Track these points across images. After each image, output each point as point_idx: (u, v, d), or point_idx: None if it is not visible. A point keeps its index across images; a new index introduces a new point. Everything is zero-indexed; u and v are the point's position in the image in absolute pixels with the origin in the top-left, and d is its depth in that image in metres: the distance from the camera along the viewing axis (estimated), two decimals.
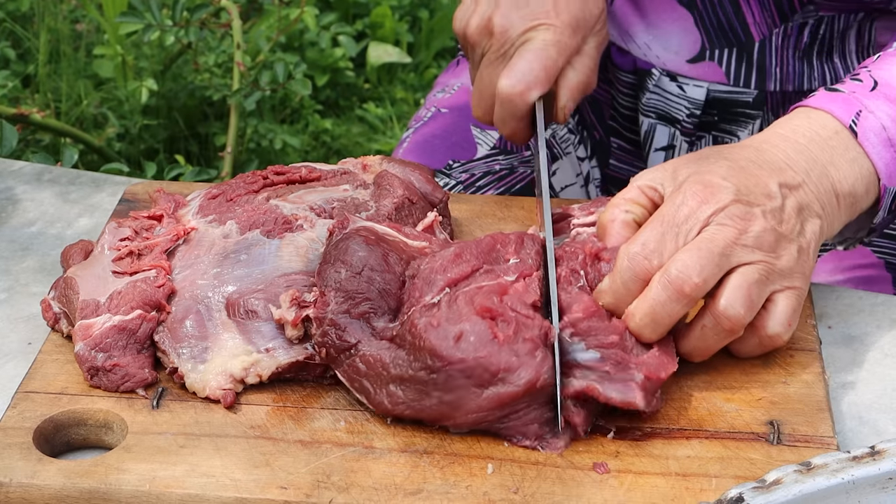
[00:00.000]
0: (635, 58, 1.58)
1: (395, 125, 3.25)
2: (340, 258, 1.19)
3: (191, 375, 1.18)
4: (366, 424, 1.15)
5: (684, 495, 1.07)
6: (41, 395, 1.18)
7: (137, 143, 2.98)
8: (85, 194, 1.53)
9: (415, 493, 1.07)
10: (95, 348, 1.20)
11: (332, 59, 3.27)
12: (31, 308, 1.32)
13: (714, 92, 1.55)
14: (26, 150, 2.38)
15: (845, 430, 1.19)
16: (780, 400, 1.17)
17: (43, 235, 1.45)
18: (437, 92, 1.77)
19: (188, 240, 1.30)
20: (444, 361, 1.12)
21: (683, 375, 1.20)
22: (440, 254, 1.21)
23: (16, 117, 2.09)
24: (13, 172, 1.57)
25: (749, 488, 0.94)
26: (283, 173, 1.39)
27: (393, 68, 3.43)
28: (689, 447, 1.12)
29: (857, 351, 1.28)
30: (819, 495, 0.95)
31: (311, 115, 3.20)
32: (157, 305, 1.22)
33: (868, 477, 0.96)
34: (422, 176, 1.38)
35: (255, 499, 1.07)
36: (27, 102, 2.97)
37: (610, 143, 1.68)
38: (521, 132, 1.42)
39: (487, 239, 1.23)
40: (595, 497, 1.07)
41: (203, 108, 3.12)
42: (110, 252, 1.28)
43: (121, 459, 1.11)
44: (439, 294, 1.17)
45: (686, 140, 1.59)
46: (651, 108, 1.59)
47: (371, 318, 1.17)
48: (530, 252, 1.22)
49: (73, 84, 3.00)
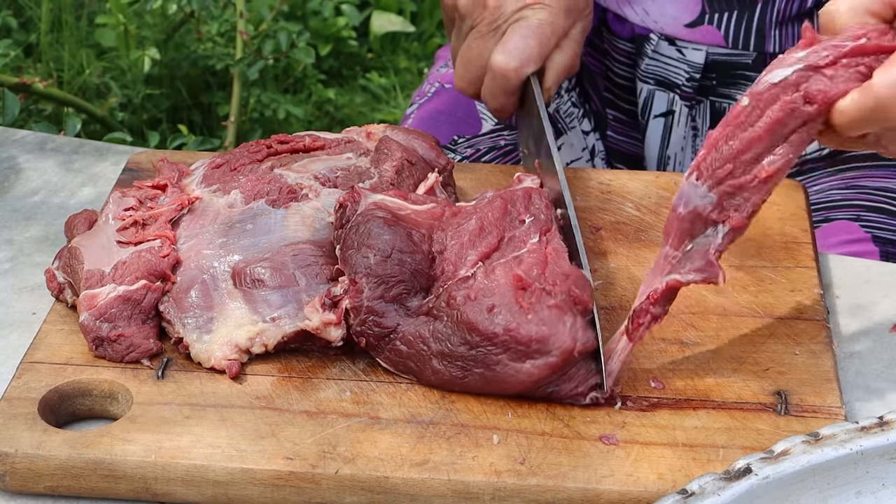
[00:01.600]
0: (633, 24, 1.58)
1: (399, 95, 3.24)
2: (365, 243, 1.19)
3: (196, 346, 1.18)
4: (371, 395, 1.15)
5: (691, 466, 1.07)
6: (46, 365, 1.18)
7: (140, 112, 2.97)
8: (88, 163, 1.52)
9: (421, 464, 1.07)
10: (100, 318, 1.19)
11: (336, 29, 3.26)
12: (34, 278, 1.32)
13: (713, 55, 1.55)
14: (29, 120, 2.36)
15: (853, 401, 1.19)
16: (787, 370, 1.17)
17: (46, 205, 1.44)
18: (440, 67, 1.76)
19: (192, 209, 1.29)
20: (481, 336, 1.12)
21: (690, 346, 1.19)
22: (463, 227, 1.21)
23: (18, 86, 2.09)
24: (16, 141, 1.57)
25: (757, 459, 0.93)
26: (286, 142, 1.38)
27: (396, 37, 3.42)
28: (697, 417, 1.12)
29: (865, 320, 1.27)
30: (827, 466, 0.95)
31: (315, 85, 3.19)
32: (162, 275, 1.22)
33: (877, 447, 0.95)
34: (425, 143, 1.37)
35: (261, 469, 1.07)
36: (29, 72, 2.95)
37: (607, 114, 1.67)
38: (510, 107, 1.42)
39: (498, 202, 1.23)
40: (602, 468, 1.07)
41: (206, 77, 3.11)
42: (114, 222, 1.27)
43: (126, 430, 1.11)
44: (473, 267, 1.17)
45: (686, 105, 1.59)
46: (650, 74, 1.59)
47: (405, 299, 1.17)
48: (540, 206, 1.23)
49: (76, 53, 2.99)
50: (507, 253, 1.19)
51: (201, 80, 3.09)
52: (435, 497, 1.06)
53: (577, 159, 1.70)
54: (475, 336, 1.13)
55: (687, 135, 1.62)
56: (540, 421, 1.12)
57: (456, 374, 1.13)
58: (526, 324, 1.12)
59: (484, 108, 1.67)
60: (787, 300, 1.25)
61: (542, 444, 1.09)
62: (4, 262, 1.35)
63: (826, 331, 1.21)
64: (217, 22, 2.93)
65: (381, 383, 1.16)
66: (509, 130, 1.66)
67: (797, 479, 0.94)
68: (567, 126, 1.69)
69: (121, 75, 2.98)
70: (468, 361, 1.13)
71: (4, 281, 1.32)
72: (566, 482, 1.05)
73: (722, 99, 1.58)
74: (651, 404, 1.13)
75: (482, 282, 1.16)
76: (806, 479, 0.94)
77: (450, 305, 1.15)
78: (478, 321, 1.13)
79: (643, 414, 1.12)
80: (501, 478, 1.06)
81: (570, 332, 1.11)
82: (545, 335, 1.11)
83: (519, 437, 1.10)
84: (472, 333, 1.13)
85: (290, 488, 1.07)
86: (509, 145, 1.64)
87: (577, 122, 1.70)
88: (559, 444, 1.09)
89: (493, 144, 1.64)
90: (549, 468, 1.07)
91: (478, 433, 1.10)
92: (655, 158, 1.64)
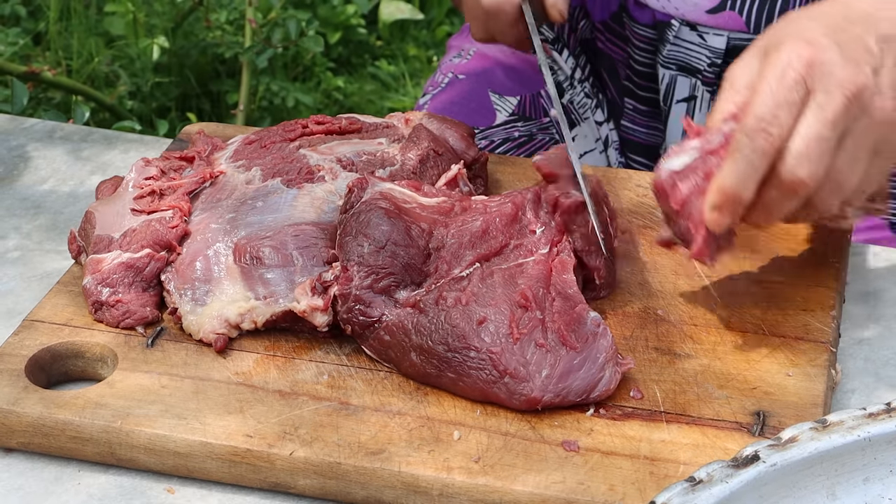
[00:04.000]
0: (654, 11, 1.55)
1: (408, 82, 3.22)
2: (362, 231, 1.19)
3: (188, 317, 1.19)
4: (348, 380, 1.15)
5: (646, 479, 1.04)
6: (46, 324, 1.21)
7: (149, 100, 3.00)
8: (97, 152, 1.54)
9: (376, 453, 1.07)
10: (102, 283, 1.22)
11: (345, 16, 3.25)
12: (44, 266, 1.34)
13: (734, 40, 1.52)
14: (38, 109, 2.40)
15: (861, 387, 1.17)
16: (775, 391, 1.13)
17: (55, 193, 1.46)
18: (452, 56, 1.75)
19: (215, 183, 1.31)
20: (461, 343, 1.12)
21: (681, 358, 1.17)
22: (466, 227, 1.20)
23: (27, 75, 2.12)
24: (24, 130, 1.58)
25: (765, 446, 0.93)
26: (322, 123, 1.39)
27: (405, 25, 3.40)
28: (667, 431, 1.09)
29: (874, 307, 1.26)
30: (835, 452, 0.93)
31: (324, 73, 3.19)
32: (168, 246, 1.24)
33: (884, 434, 0.94)
34: (457, 133, 1.37)
35: (220, 444, 1.08)
36: (38, 60, 2.98)
37: (624, 104, 1.64)
38: (521, 38, 1.43)
39: (508, 206, 1.22)
40: (554, 474, 1.05)
41: (215, 65, 3.13)
42: (133, 189, 1.30)
43: (101, 394, 1.13)
44: (468, 268, 1.17)
45: (708, 90, 1.55)
46: (671, 59, 1.56)
47: (393, 291, 1.17)
48: (551, 214, 1.21)
49: (85, 41, 3.02)
50: (511, 259, 1.18)
51: (210, 68, 3.11)
52: (385, 488, 1.06)
53: (591, 150, 1.68)
54: (456, 341, 1.12)
55: None
56: (507, 421, 1.10)
57: (430, 370, 1.13)
58: (509, 353, 1.11)
59: (498, 99, 1.66)
60: (795, 319, 1.21)
61: (502, 445, 1.08)
62: (13, 251, 1.37)
63: (828, 354, 1.17)
64: (226, 10, 2.95)
65: (360, 369, 1.16)
66: (523, 122, 1.65)
67: (805, 466, 0.93)
68: (580, 117, 1.67)
69: (130, 63, 3.01)
70: (442, 362, 1.12)
71: (14, 269, 1.34)
72: (515, 485, 1.04)
73: None
74: (624, 414, 1.11)
75: (477, 286, 1.15)
76: (814, 465, 0.93)
77: (438, 304, 1.14)
78: (463, 329, 1.12)
79: (613, 423, 1.10)
80: (451, 474, 1.05)
81: (542, 385, 1.10)
82: (521, 376, 1.10)
83: (481, 436, 1.09)
84: (454, 337, 1.12)
85: (246, 466, 1.08)
86: (523, 136, 1.63)
87: (591, 113, 1.68)
88: (519, 445, 1.08)
89: (507, 136, 1.64)
90: (501, 468, 1.05)
91: (441, 427, 1.10)
92: None
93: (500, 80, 1.68)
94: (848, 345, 1.21)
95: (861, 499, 0.95)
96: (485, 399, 1.12)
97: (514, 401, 1.10)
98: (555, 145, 1.35)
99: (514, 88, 1.66)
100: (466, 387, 1.12)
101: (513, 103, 1.67)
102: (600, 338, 1.12)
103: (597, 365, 1.11)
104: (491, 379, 1.11)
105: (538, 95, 1.66)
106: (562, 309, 1.14)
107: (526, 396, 1.10)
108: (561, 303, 1.14)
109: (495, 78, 1.68)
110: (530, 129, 1.65)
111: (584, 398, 1.11)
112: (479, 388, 1.11)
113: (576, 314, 1.13)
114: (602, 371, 1.11)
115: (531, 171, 1.42)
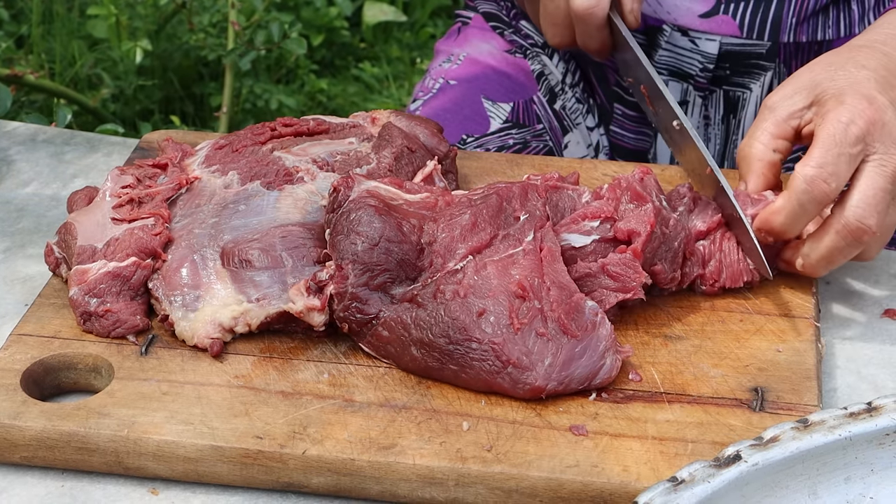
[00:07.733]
0: (646, 16, 1.57)
1: (392, 84, 3.23)
2: (354, 229, 1.19)
3: (181, 323, 1.19)
4: (348, 378, 1.15)
5: (658, 459, 1.06)
6: (34, 337, 1.19)
7: (132, 103, 2.98)
8: (80, 155, 1.53)
9: (388, 448, 1.08)
10: (89, 293, 1.21)
11: (328, 19, 3.26)
12: (27, 269, 1.33)
13: (727, 45, 1.55)
14: (20, 112, 2.37)
15: (843, 386, 1.19)
16: (768, 367, 1.16)
17: (38, 196, 1.45)
18: (441, 61, 1.75)
19: (191, 189, 1.30)
20: (463, 335, 1.13)
21: (673, 339, 1.19)
22: (456, 221, 1.21)
23: (9, 78, 2.10)
24: (7, 133, 1.57)
25: (746, 446, 0.94)
26: (290, 125, 1.39)
27: (388, 27, 3.42)
28: (670, 411, 1.11)
29: (856, 306, 1.28)
30: (816, 452, 0.95)
31: (307, 75, 3.19)
32: (153, 253, 1.23)
33: (865, 433, 0.96)
34: (427, 129, 1.38)
35: (230, 447, 1.08)
36: (21, 63, 2.94)
37: (613, 109, 1.66)
38: (606, 43, 1.47)
39: (493, 197, 1.23)
40: (568, 458, 1.06)
41: (198, 68, 3.12)
42: (111, 199, 1.29)
43: (103, 404, 1.12)
44: (462, 261, 1.18)
45: (699, 95, 1.58)
46: (663, 65, 1.58)
47: (389, 287, 1.17)
48: (537, 204, 1.22)
49: (67, 45, 3.00)
50: (501, 250, 1.19)
51: (193, 70, 3.10)
52: (400, 481, 1.07)
53: (583, 157, 1.69)
54: (458, 334, 1.13)
55: (700, 124, 1.61)
56: (512, 409, 1.12)
57: (432, 364, 1.14)
58: (511, 343, 1.12)
59: (491, 105, 1.67)
60: (779, 298, 1.24)
61: (512, 433, 1.09)
62: None
63: (814, 329, 1.20)
64: (209, 13, 2.94)
65: (359, 366, 1.16)
66: (517, 129, 1.65)
67: (786, 466, 0.94)
68: (573, 123, 1.68)
69: (112, 66, 2.99)
70: (444, 355, 1.13)
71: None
72: (530, 471, 1.05)
73: (735, 88, 1.58)
74: (626, 396, 1.13)
75: (473, 278, 1.16)
76: (795, 465, 0.94)
77: (436, 298, 1.15)
78: (464, 321, 1.13)
79: (616, 406, 1.12)
80: (466, 464, 1.06)
81: (545, 374, 1.11)
82: (524, 365, 1.11)
83: (489, 425, 1.10)
84: (455, 330, 1.13)
85: (259, 467, 1.08)
86: (517, 144, 1.64)
87: (582, 119, 1.69)
88: (528, 433, 1.09)
89: (501, 144, 1.64)
90: (515, 456, 1.07)
91: (449, 419, 1.11)
92: (668, 149, 1.63)
93: (492, 87, 1.68)
94: (830, 344, 1.23)
95: (843, 498, 0.96)
96: (488, 390, 1.13)
97: (518, 390, 1.12)
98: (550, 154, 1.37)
99: (507, 95, 1.67)
100: (469, 378, 1.13)
101: (506, 110, 1.68)
102: (600, 326, 1.14)
103: (598, 353, 1.13)
104: (494, 369, 1.12)
105: (531, 102, 1.66)
106: (559, 298, 1.15)
107: (530, 385, 1.11)
108: (557, 292, 1.16)
109: (488, 84, 1.68)
110: (524, 136, 1.65)
111: (586, 385, 1.13)
112: (483, 379, 1.12)
113: (574, 303, 1.15)
114: (603, 359, 1.13)
115: (496, 164, 1.44)
